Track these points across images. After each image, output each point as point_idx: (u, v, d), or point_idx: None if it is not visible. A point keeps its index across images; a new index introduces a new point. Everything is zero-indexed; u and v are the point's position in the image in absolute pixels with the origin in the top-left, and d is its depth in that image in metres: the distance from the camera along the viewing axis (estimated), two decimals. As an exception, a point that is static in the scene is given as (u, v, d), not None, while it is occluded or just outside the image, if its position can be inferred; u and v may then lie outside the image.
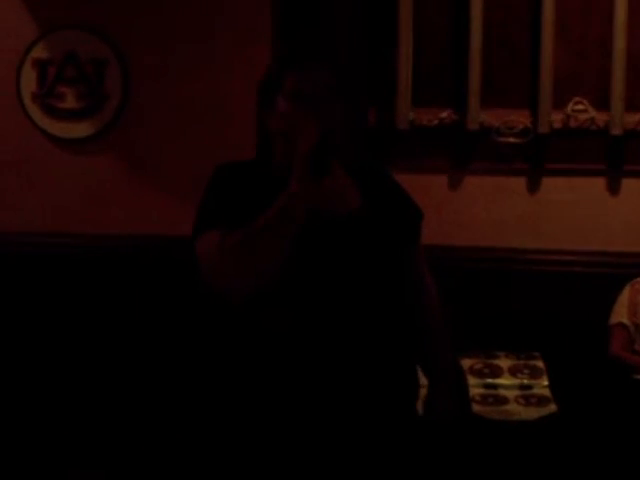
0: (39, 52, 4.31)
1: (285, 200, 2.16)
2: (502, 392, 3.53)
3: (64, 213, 4.33)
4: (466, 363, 3.62)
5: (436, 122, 4.05)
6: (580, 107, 4.02)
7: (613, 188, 4.07)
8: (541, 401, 3.45)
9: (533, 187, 4.07)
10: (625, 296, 3.89)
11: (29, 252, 4.30)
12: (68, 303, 4.27)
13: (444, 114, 4.05)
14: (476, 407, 3.31)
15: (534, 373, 3.65)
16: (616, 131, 4.00)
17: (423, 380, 2.51)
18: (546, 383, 3.58)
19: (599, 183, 4.07)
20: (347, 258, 2.37)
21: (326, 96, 2.38)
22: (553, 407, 3.40)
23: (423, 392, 2.52)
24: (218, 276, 2.23)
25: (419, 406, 2.54)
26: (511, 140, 4.02)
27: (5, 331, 4.28)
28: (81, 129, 4.33)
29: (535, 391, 3.54)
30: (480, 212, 4.08)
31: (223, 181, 2.45)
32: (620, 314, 3.85)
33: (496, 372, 3.65)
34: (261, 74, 3.96)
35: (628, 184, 4.10)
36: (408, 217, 2.59)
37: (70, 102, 4.32)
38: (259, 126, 2.55)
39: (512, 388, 3.57)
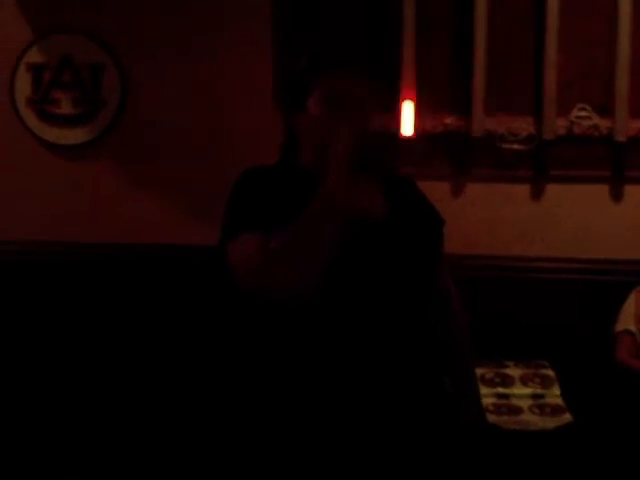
0: (34, 56, 4.26)
1: (322, 202, 2.13)
2: (514, 401, 3.51)
3: (59, 221, 4.27)
4: (477, 372, 3.58)
5: (441, 128, 4.02)
6: (584, 114, 4.01)
7: (617, 195, 4.06)
8: (555, 410, 3.44)
9: (537, 194, 4.06)
10: (631, 303, 3.88)
11: (25, 260, 4.25)
12: (64, 312, 4.21)
13: (449, 120, 4.03)
14: (491, 417, 3.28)
15: (545, 382, 3.63)
16: (620, 138, 3.99)
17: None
18: (558, 392, 3.56)
19: (603, 190, 4.05)
20: (378, 264, 2.35)
21: (361, 100, 2.35)
22: (568, 416, 3.38)
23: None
24: (261, 279, 2.17)
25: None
26: (515, 147, 4.01)
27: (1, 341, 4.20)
28: (77, 135, 4.27)
29: (548, 400, 3.53)
30: (483, 219, 4.05)
31: (252, 185, 2.40)
32: (626, 321, 3.85)
33: (507, 381, 3.63)
34: (263, 78, 4.03)
35: (632, 191, 4.09)
36: (432, 225, 2.58)
37: (66, 107, 4.26)
38: (285, 127, 2.49)
39: (524, 397, 3.54)
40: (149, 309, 4.15)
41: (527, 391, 3.59)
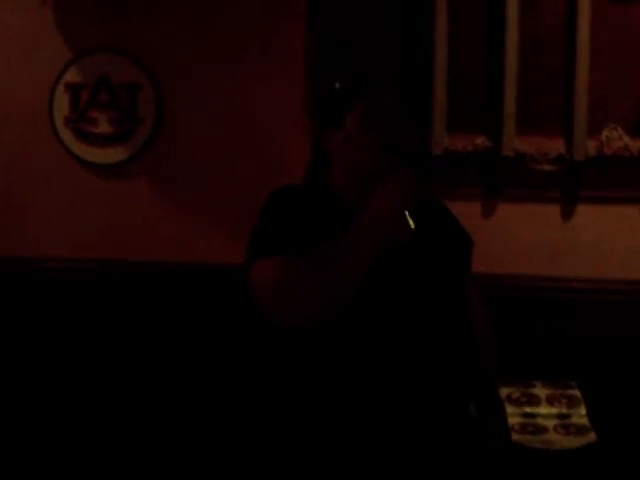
0: (72, 76, 4.33)
1: (362, 232, 2.13)
2: (541, 421, 3.51)
3: (98, 239, 4.34)
4: (503, 392, 3.58)
5: (470, 148, 4.03)
6: (614, 134, 4.00)
7: (648, 215, 4.06)
8: (580, 430, 3.43)
9: (567, 214, 4.05)
10: (660, 323, 3.88)
11: (61, 278, 4.30)
12: (100, 330, 4.25)
13: (479, 140, 4.04)
14: (515, 436, 3.28)
15: (571, 402, 3.62)
16: (650, 158, 3.99)
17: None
18: (584, 412, 3.55)
19: (634, 211, 4.04)
20: (407, 286, 2.35)
21: (400, 121, 2.36)
22: (593, 436, 3.37)
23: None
24: (280, 303, 2.18)
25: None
26: (546, 167, 4.01)
27: (33, 357, 4.25)
28: (114, 154, 4.33)
29: (574, 420, 3.52)
30: (514, 239, 4.06)
31: (281, 205, 2.40)
32: None
33: (534, 401, 3.62)
34: (296, 95, 4.07)
35: (662, 212, 4.08)
36: (462, 246, 2.59)
37: (103, 127, 4.33)
38: (315, 145, 2.49)
39: (550, 417, 3.54)
40: (186, 327, 4.19)
41: (553, 411, 3.58)
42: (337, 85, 2.50)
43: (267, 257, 2.26)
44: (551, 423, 3.50)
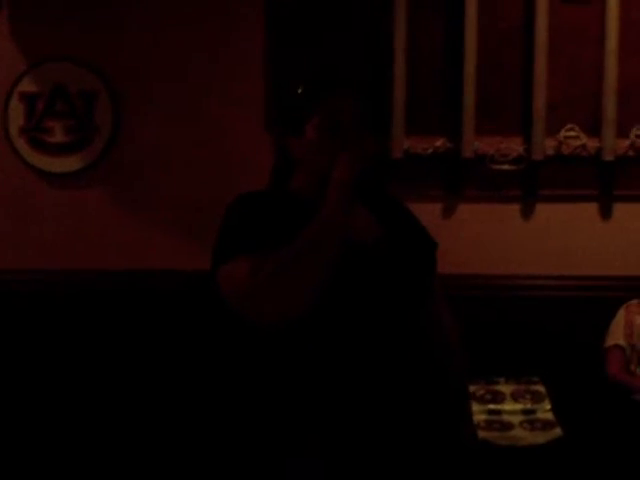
0: (27, 85, 4.28)
1: (322, 225, 2.13)
2: (506, 418, 3.51)
3: (54, 249, 4.29)
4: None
5: (430, 150, 4.05)
6: (572, 133, 4.03)
7: (605, 213, 4.09)
8: (546, 425, 3.44)
9: (527, 213, 4.08)
10: (620, 318, 3.93)
11: (18, 289, 4.24)
12: (60, 342, 4.20)
13: (438, 142, 4.05)
14: (482, 433, 3.28)
15: (536, 397, 3.64)
16: (607, 157, 4.02)
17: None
18: (549, 407, 3.56)
19: (591, 209, 4.08)
20: (371, 287, 2.35)
21: (359, 125, 2.36)
22: (558, 431, 3.38)
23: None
24: (251, 304, 2.17)
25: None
26: (505, 167, 4.03)
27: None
28: (70, 163, 4.29)
29: (539, 415, 3.53)
30: (474, 239, 4.07)
31: (244, 210, 2.38)
32: (616, 336, 3.89)
33: (498, 398, 3.63)
34: (255, 97, 4.06)
35: (620, 209, 4.12)
36: (425, 246, 2.58)
37: (59, 136, 4.29)
38: (278, 151, 2.49)
39: (516, 413, 3.55)
40: (144, 335, 4.15)
41: (518, 407, 3.59)
42: (299, 91, 2.49)
43: (234, 259, 2.25)
44: (517, 419, 3.51)
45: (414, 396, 2.42)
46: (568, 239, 4.06)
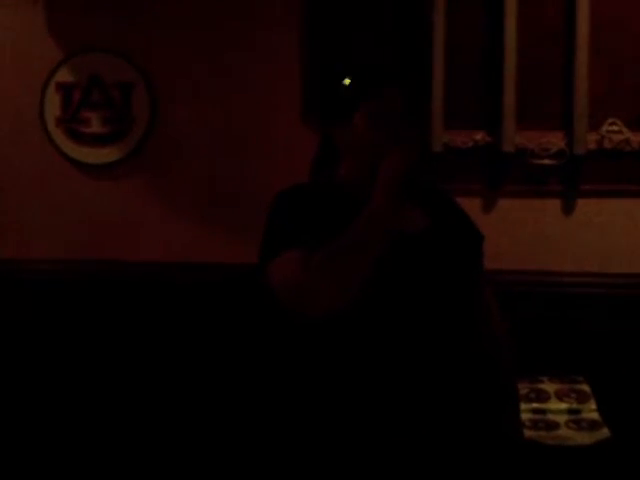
0: (63, 76, 4.27)
1: (372, 216, 2.13)
2: (551, 417, 3.49)
3: (89, 240, 4.28)
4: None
5: (470, 144, 4.01)
6: (614, 128, 3.99)
7: (649, 209, 4.05)
8: (592, 425, 3.41)
9: (568, 209, 4.04)
10: (664, 317, 3.88)
11: (54, 279, 4.24)
12: (94, 332, 4.20)
13: (478, 136, 4.02)
14: (528, 432, 3.26)
15: (581, 397, 3.61)
16: (651, 152, 3.98)
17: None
18: (594, 407, 3.53)
19: (634, 204, 4.03)
20: (418, 279, 2.35)
21: (409, 116, 2.36)
22: (606, 431, 3.35)
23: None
24: (301, 297, 2.19)
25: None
26: (546, 162, 3.99)
27: (24, 359, 4.19)
28: (107, 154, 4.28)
29: (584, 415, 3.50)
30: (515, 234, 4.04)
31: (292, 203, 2.41)
32: None
33: (543, 397, 3.61)
34: (293, 92, 4.04)
35: (663, 205, 4.08)
36: (472, 240, 2.58)
37: (95, 127, 4.27)
38: (322, 141, 2.49)
39: (561, 413, 3.52)
40: (176, 327, 4.14)
41: (563, 406, 3.56)
42: (347, 80, 2.49)
43: (284, 253, 2.26)
44: (562, 419, 3.48)
45: (462, 390, 2.43)
46: (610, 235, 4.01)
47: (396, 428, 2.33)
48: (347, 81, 2.47)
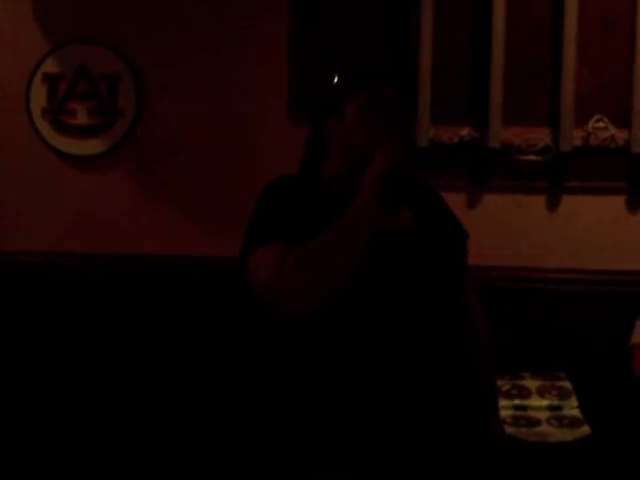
0: (50, 66, 4.25)
1: (356, 214, 2.13)
2: (532, 413, 3.49)
3: (74, 232, 4.26)
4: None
5: (456, 140, 4.01)
6: (601, 125, 3.99)
7: (633, 206, 4.04)
8: (573, 422, 3.42)
9: (553, 205, 4.04)
10: (647, 314, 3.88)
11: (37, 272, 4.22)
12: (77, 325, 4.18)
13: (464, 132, 4.02)
14: (509, 429, 3.27)
15: (562, 394, 3.62)
16: (636, 149, 3.97)
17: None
18: (576, 404, 3.54)
19: (619, 201, 4.04)
20: (403, 276, 2.35)
21: (398, 113, 2.37)
22: (586, 429, 3.35)
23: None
24: (281, 292, 2.17)
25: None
26: (532, 158, 3.99)
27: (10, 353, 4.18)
28: (92, 146, 4.26)
29: (566, 412, 3.51)
30: (499, 230, 4.04)
31: (278, 195, 2.41)
32: None
33: (524, 393, 3.61)
34: (279, 85, 4.03)
35: (649, 203, 4.08)
36: (457, 237, 2.59)
37: (81, 118, 4.25)
38: (312, 134, 2.49)
39: (542, 409, 3.53)
40: (163, 321, 4.14)
41: (544, 403, 3.57)
42: (335, 77, 2.50)
43: (266, 246, 2.26)
44: (543, 415, 3.49)
45: (442, 387, 2.43)
46: (594, 232, 4.02)
47: (378, 425, 2.33)
48: (338, 75, 2.48)
